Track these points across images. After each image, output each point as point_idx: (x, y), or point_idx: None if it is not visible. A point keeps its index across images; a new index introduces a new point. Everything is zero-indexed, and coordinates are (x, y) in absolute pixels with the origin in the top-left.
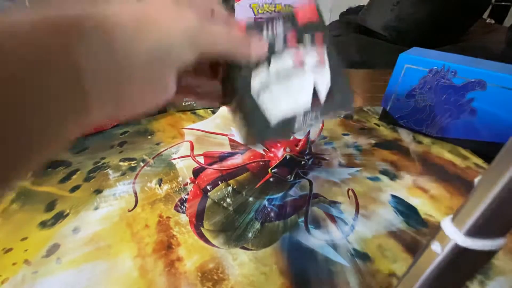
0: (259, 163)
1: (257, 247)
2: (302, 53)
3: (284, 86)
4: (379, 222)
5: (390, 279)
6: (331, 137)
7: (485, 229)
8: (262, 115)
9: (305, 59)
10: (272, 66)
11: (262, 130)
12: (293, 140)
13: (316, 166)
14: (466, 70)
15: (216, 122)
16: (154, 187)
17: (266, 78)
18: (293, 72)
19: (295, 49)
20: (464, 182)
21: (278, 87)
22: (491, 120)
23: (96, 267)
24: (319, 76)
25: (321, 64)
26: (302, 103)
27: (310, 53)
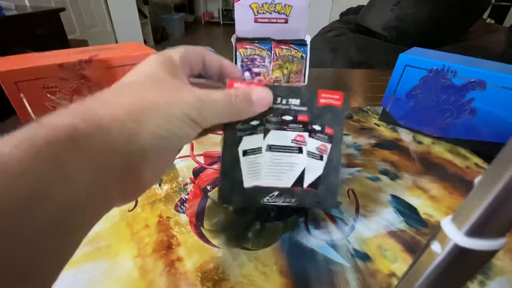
0: None
1: (257, 247)
2: (305, 137)
3: (272, 157)
4: (379, 222)
5: (390, 279)
6: None
7: (485, 229)
8: (238, 175)
9: (307, 143)
10: (270, 136)
11: (231, 189)
12: None
13: None
14: (466, 70)
15: None
16: (154, 187)
17: (258, 143)
18: (288, 148)
19: (301, 130)
20: (464, 182)
21: (266, 155)
22: (491, 120)
23: (96, 267)
24: (312, 165)
25: (320, 156)
26: (283, 181)
27: (314, 141)
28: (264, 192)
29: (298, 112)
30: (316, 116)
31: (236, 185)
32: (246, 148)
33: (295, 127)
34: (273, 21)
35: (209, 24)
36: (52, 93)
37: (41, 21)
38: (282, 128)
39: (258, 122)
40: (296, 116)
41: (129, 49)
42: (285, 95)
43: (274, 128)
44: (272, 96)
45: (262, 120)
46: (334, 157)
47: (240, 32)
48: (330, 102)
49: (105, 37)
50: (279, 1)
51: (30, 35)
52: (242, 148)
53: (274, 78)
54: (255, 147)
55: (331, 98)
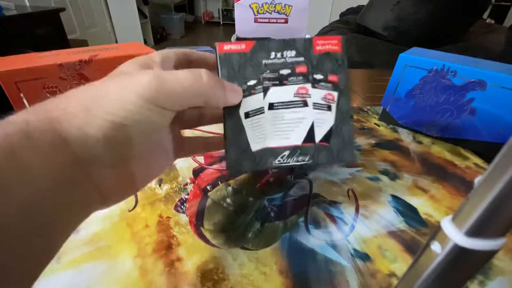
0: None
1: (257, 247)
2: (308, 88)
3: (276, 115)
4: (379, 222)
5: (390, 279)
6: None
7: (485, 229)
8: (244, 139)
9: (310, 95)
10: (270, 93)
11: (239, 155)
12: None
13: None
14: (466, 70)
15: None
16: (154, 187)
17: (259, 103)
18: (292, 103)
19: (302, 82)
20: (464, 182)
21: (269, 114)
22: (491, 120)
23: (96, 267)
24: (320, 118)
25: (328, 106)
26: (292, 139)
27: (318, 91)
28: (274, 153)
29: (295, 64)
30: (315, 65)
31: (243, 150)
32: (247, 110)
33: (295, 80)
34: (273, 21)
35: (209, 24)
36: (52, 93)
37: (41, 21)
38: (281, 84)
39: (255, 81)
40: (294, 68)
41: (129, 49)
42: (279, 48)
43: (273, 85)
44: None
45: (259, 78)
46: (343, 106)
47: (240, 32)
48: (327, 48)
49: (105, 37)
50: (279, 1)
51: (30, 35)
52: (243, 111)
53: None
54: (257, 107)
55: (328, 44)
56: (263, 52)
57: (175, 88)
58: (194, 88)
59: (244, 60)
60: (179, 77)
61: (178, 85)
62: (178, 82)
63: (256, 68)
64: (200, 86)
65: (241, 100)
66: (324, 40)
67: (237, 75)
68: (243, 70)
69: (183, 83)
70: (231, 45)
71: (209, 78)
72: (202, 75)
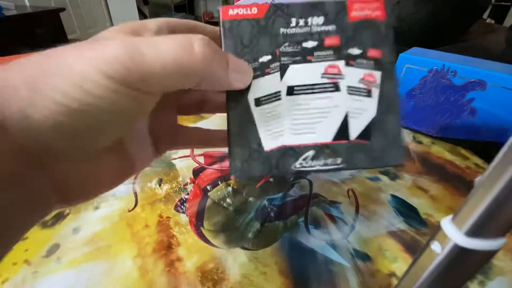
0: None
1: (257, 247)
2: (340, 67)
3: (298, 103)
4: (379, 222)
5: (390, 279)
6: None
7: (485, 229)
8: (254, 135)
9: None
10: (289, 73)
11: (248, 156)
12: None
13: None
14: (466, 70)
15: (215, 122)
16: (154, 187)
17: (274, 86)
18: (319, 87)
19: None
20: (464, 182)
21: (288, 101)
22: (491, 120)
23: (96, 267)
24: (358, 106)
25: (367, 91)
26: (319, 135)
27: (354, 70)
28: (294, 154)
29: (324, 34)
30: (351, 36)
31: (253, 149)
32: (258, 95)
33: (323, 55)
34: None
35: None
36: None
37: (41, 21)
38: (305, 60)
39: (270, 57)
40: (322, 40)
41: None
42: (303, 13)
43: (293, 62)
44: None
45: (275, 52)
46: (388, 90)
47: None
48: (367, 14)
49: None
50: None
51: (30, 35)
52: (253, 96)
53: None
54: (271, 92)
55: (368, 9)
56: (281, 19)
57: (154, 63)
58: (182, 64)
59: (256, 29)
60: (161, 47)
61: (158, 59)
62: (158, 54)
63: (271, 39)
64: (190, 61)
65: (250, 83)
66: (363, 3)
67: (247, 49)
68: (254, 42)
69: (165, 56)
70: (239, 8)
71: (205, 48)
72: (194, 45)
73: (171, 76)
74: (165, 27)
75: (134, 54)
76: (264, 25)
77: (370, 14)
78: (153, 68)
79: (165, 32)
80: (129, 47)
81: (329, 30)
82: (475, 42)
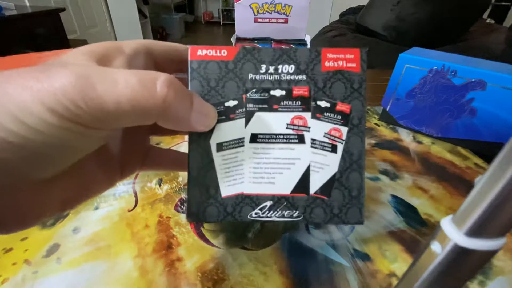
0: None
1: (257, 247)
2: (306, 119)
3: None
4: (379, 222)
5: (390, 279)
6: None
7: (485, 229)
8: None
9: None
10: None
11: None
12: None
13: None
14: (466, 70)
15: None
16: (154, 187)
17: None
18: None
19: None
20: (464, 182)
21: (251, 148)
22: (491, 120)
23: (96, 267)
24: (320, 160)
25: (332, 146)
26: (278, 186)
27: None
28: (251, 203)
29: (293, 84)
30: (322, 87)
31: (209, 195)
32: (221, 140)
33: (290, 105)
34: (273, 21)
35: (209, 24)
36: None
37: (41, 21)
38: (271, 109)
39: (236, 102)
40: (290, 89)
41: None
42: (273, 59)
43: (259, 109)
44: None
45: (242, 98)
46: (353, 147)
47: (240, 32)
48: (340, 65)
49: (105, 37)
50: (279, 1)
51: (30, 35)
52: (215, 141)
53: None
54: (234, 138)
55: (342, 59)
56: (251, 63)
57: (107, 100)
58: (139, 104)
59: (224, 72)
60: (119, 82)
61: (113, 95)
62: (114, 90)
63: (239, 84)
64: (149, 102)
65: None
66: (337, 54)
67: (213, 91)
68: (221, 85)
69: (121, 94)
70: (209, 49)
71: (168, 90)
72: (156, 84)
73: (126, 114)
74: (142, 51)
75: (85, 88)
76: (232, 69)
77: (344, 65)
78: (105, 105)
79: (141, 57)
80: (80, 80)
81: (299, 80)
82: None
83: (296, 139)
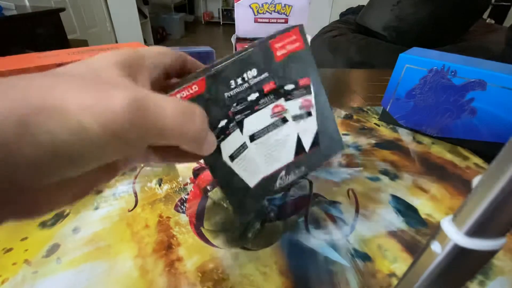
0: None
1: (257, 247)
2: (282, 104)
3: (261, 144)
4: (379, 222)
5: (390, 279)
6: None
7: (485, 229)
8: (240, 182)
9: (287, 109)
10: (246, 126)
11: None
12: None
13: None
14: (466, 70)
15: None
16: (154, 187)
17: (239, 140)
18: (271, 126)
19: (274, 100)
20: (464, 182)
21: (253, 146)
22: (491, 120)
23: (96, 267)
24: (304, 127)
25: (307, 112)
26: (284, 158)
27: (293, 102)
28: (272, 179)
29: (261, 84)
30: (281, 75)
31: (243, 193)
32: (230, 152)
33: (266, 100)
34: (273, 21)
35: (209, 24)
36: None
37: (41, 21)
38: (253, 111)
39: (225, 121)
40: (261, 89)
41: None
42: (237, 72)
43: (245, 116)
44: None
45: (228, 115)
46: (322, 105)
47: (240, 32)
48: (289, 49)
49: (105, 37)
50: (279, 1)
51: (30, 35)
52: (226, 154)
53: None
54: (238, 146)
55: (288, 43)
56: (221, 85)
57: (157, 124)
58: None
59: (203, 103)
60: (167, 110)
61: (161, 122)
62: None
63: (220, 105)
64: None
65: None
66: (282, 41)
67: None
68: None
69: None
70: (182, 92)
71: (202, 123)
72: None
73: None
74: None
75: (142, 112)
76: (208, 98)
77: (291, 48)
78: (154, 127)
79: (160, 71)
80: (137, 103)
81: (264, 78)
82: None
83: (281, 122)
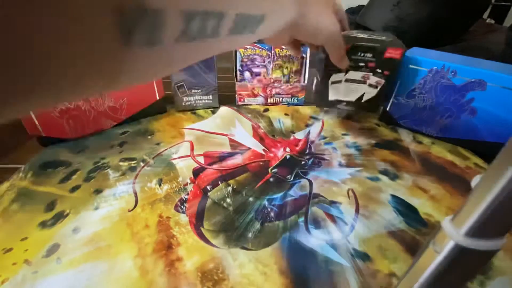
0: (259, 163)
1: (257, 247)
2: (369, 75)
3: (347, 85)
4: (379, 222)
5: (390, 279)
6: (331, 137)
7: (485, 229)
8: (326, 93)
9: (370, 78)
10: (348, 73)
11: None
12: (293, 140)
13: (316, 166)
14: (466, 70)
15: (216, 122)
16: (154, 187)
17: (339, 77)
18: (358, 81)
19: (368, 71)
20: (464, 182)
21: (344, 83)
22: (491, 120)
23: (96, 267)
24: (370, 91)
25: (376, 86)
26: (351, 97)
27: (374, 77)
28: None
29: (368, 62)
30: (381, 64)
31: (325, 98)
32: (333, 80)
33: (365, 70)
34: None
35: None
36: None
37: None
38: (356, 70)
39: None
40: (367, 63)
41: None
42: (364, 50)
43: (352, 69)
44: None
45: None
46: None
47: None
48: (392, 55)
49: None
50: None
51: None
52: (331, 80)
53: (274, 78)
54: (338, 79)
55: (394, 53)
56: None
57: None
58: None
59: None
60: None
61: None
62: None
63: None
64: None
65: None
66: (392, 51)
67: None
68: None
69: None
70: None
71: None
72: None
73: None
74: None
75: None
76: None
77: (393, 55)
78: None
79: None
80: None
81: (372, 60)
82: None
83: (364, 82)
